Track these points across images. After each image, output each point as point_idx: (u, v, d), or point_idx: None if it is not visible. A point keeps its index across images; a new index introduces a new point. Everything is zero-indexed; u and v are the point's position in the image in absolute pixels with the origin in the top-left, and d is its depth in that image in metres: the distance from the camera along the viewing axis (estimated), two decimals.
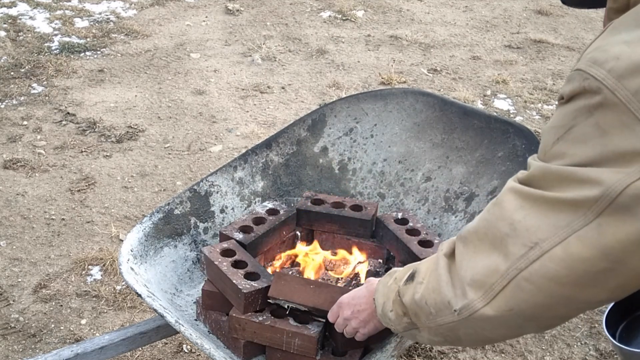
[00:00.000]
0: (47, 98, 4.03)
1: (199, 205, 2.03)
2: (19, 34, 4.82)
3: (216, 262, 1.76)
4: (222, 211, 2.08)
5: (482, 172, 2.08)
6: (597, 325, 2.61)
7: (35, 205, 3.15)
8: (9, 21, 4.99)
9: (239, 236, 1.90)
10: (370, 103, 2.26)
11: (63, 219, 3.07)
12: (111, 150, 3.59)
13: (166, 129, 3.81)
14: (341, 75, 4.47)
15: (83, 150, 3.57)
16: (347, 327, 1.52)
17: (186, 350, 2.46)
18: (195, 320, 1.85)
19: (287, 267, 1.97)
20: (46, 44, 4.69)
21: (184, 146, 3.66)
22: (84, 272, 2.78)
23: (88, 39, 4.79)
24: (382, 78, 4.41)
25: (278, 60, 4.63)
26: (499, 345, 2.51)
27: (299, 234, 2.08)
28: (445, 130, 2.18)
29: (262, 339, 1.69)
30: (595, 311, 2.63)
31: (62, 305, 2.62)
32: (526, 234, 0.98)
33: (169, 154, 3.59)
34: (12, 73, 4.29)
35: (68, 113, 3.90)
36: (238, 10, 5.38)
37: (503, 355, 2.48)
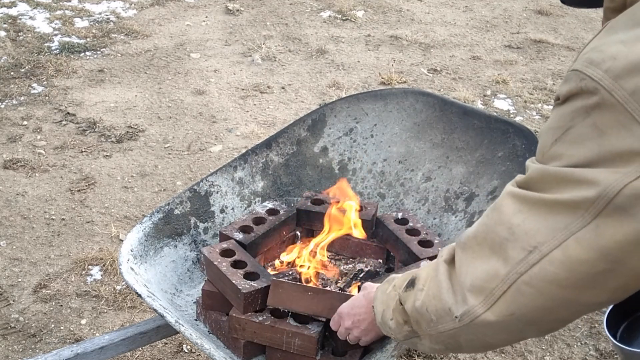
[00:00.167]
0: (47, 98, 4.03)
1: (199, 205, 2.03)
2: (19, 34, 4.82)
3: (215, 262, 1.76)
4: (222, 211, 2.08)
5: (482, 172, 2.07)
6: (597, 325, 2.61)
7: (35, 205, 3.15)
8: (9, 21, 4.98)
9: (239, 236, 1.90)
10: (370, 103, 2.26)
11: (63, 219, 3.07)
12: (111, 150, 3.59)
13: (166, 129, 3.81)
14: (341, 75, 4.47)
15: (83, 150, 3.57)
16: (349, 335, 1.52)
17: (186, 350, 2.45)
18: (195, 320, 1.85)
19: (287, 268, 1.97)
20: (46, 44, 4.69)
21: (184, 146, 3.66)
22: (84, 272, 2.78)
23: (88, 39, 4.79)
24: (382, 78, 4.41)
25: (278, 60, 4.63)
26: None
27: (299, 234, 2.08)
28: (445, 130, 2.18)
29: (262, 339, 1.69)
30: (596, 311, 2.62)
31: (62, 305, 2.62)
32: (525, 238, 0.98)
33: (169, 154, 3.59)
34: (12, 73, 4.29)
35: (68, 113, 3.90)
36: (238, 10, 5.38)
37: (503, 355, 2.48)
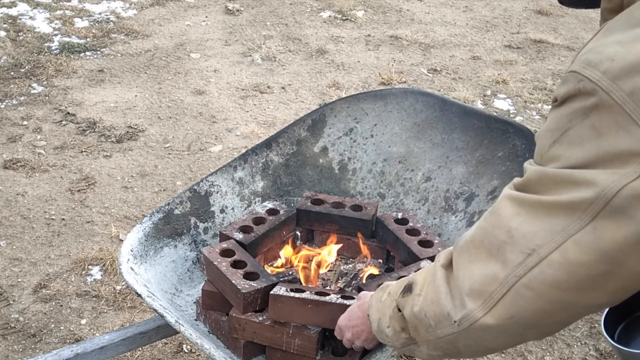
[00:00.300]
0: (47, 98, 4.03)
1: (199, 205, 2.03)
2: (19, 34, 4.82)
3: (215, 262, 1.76)
4: (222, 211, 2.08)
5: (482, 172, 2.07)
6: (597, 325, 2.61)
7: (35, 205, 3.15)
8: (9, 21, 4.99)
9: (239, 236, 1.90)
10: (370, 103, 2.26)
11: (63, 219, 3.07)
12: (111, 150, 3.59)
13: (166, 129, 3.81)
14: (341, 75, 4.47)
15: (83, 150, 3.58)
16: (353, 345, 1.53)
17: (186, 350, 2.46)
18: (195, 320, 1.85)
19: (286, 268, 1.97)
20: (46, 44, 4.69)
21: (184, 146, 3.66)
22: (84, 272, 2.78)
23: (88, 39, 4.79)
24: (382, 78, 4.41)
25: (278, 60, 4.63)
26: None
27: (299, 234, 2.08)
28: (445, 130, 2.18)
29: (262, 339, 1.69)
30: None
31: (62, 305, 2.62)
32: (523, 241, 0.97)
33: (169, 154, 3.59)
34: (12, 73, 4.29)
35: (68, 113, 3.90)
36: (238, 10, 5.38)
37: (503, 355, 2.48)
